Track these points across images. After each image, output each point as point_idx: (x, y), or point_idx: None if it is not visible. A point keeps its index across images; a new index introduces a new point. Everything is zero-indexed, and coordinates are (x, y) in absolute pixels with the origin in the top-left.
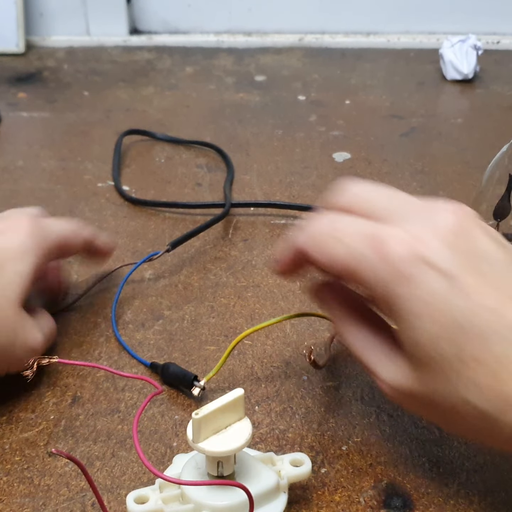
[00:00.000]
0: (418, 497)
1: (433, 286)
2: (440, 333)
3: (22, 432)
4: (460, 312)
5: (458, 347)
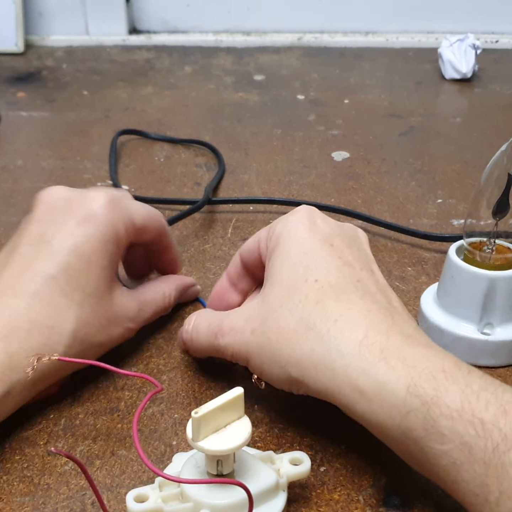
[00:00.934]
0: (417, 496)
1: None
2: (301, 259)
3: (21, 431)
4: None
5: (308, 271)
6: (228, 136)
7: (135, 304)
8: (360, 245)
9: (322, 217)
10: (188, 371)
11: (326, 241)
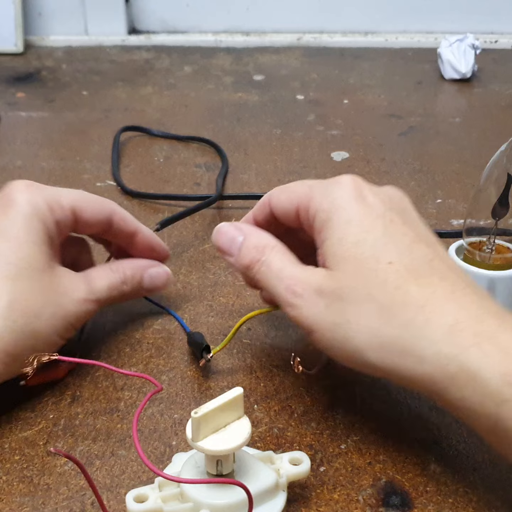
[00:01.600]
0: (416, 496)
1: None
2: (365, 237)
3: (21, 431)
4: (384, 229)
5: (377, 250)
6: (227, 136)
7: (81, 278)
8: (411, 213)
9: (369, 189)
10: (188, 371)
11: (385, 218)
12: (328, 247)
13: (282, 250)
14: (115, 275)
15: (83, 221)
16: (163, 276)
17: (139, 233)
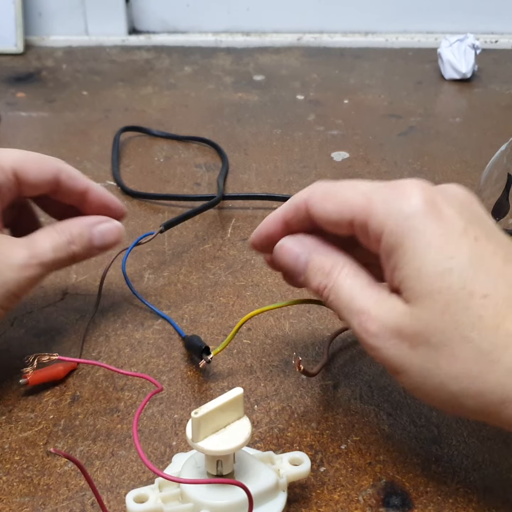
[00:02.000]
0: (417, 496)
1: (446, 226)
2: (451, 265)
3: (21, 432)
4: (471, 251)
5: (468, 282)
6: (227, 136)
7: (21, 242)
8: (485, 219)
9: (441, 196)
10: (188, 371)
11: (468, 236)
12: (405, 278)
13: (351, 272)
14: (60, 235)
15: (28, 183)
16: (114, 231)
17: (90, 191)
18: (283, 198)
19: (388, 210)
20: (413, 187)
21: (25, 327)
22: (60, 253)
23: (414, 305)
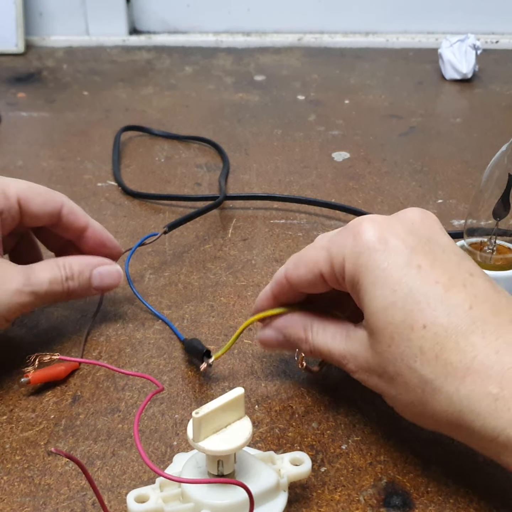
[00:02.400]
0: (417, 496)
1: (390, 259)
2: (393, 300)
3: (22, 432)
4: (412, 282)
5: (409, 314)
6: (228, 136)
7: (19, 269)
8: (438, 241)
9: (389, 230)
10: (189, 371)
11: (411, 265)
12: (363, 311)
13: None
14: (60, 269)
15: (30, 213)
16: (114, 274)
17: (89, 228)
18: (284, 199)
19: (343, 253)
20: (363, 225)
21: (26, 327)
22: (56, 286)
23: (371, 338)
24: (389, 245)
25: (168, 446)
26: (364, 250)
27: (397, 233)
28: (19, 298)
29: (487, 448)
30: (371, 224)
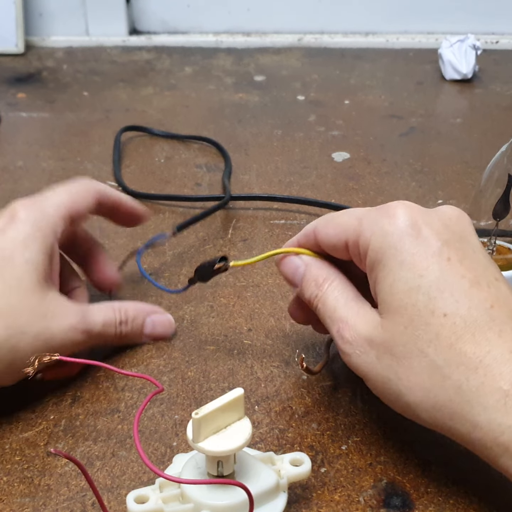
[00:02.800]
0: (417, 497)
1: (421, 246)
2: (419, 284)
3: (22, 432)
4: (440, 272)
5: (432, 301)
6: (228, 136)
7: (75, 307)
8: (470, 241)
9: (424, 218)
10: (189, 372)
11: (441, 256)
12: (380, 292)
13: (340, 286)
14: (114, 313)
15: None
16: (166, 324)
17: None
18: (285, 199)
19: (373, 229)
20: (398, 209)
21: None
22: (109, 328)
23: (385, 317)
24: (422, 233)
25: (167, 447)
26: (396, 232)
27: (432, 224)
28: (73, 335)
29: (486, 447)
30: (408, 210)
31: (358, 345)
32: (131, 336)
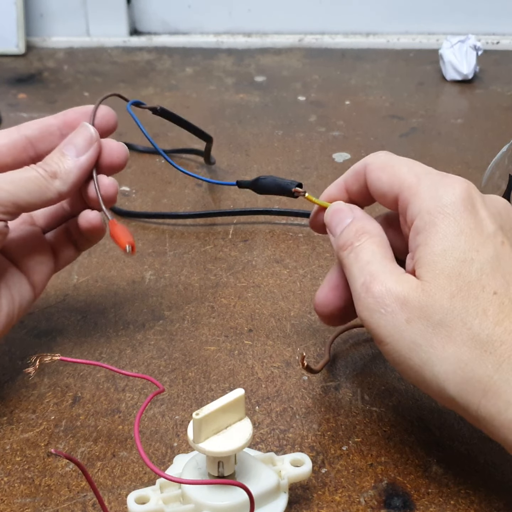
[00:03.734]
0: (418, 497)
1: (478, 224)
2: (474, 258)
3: (23, 433)
4: (495, 252)
5: (484, 277)
6: (229, 137)
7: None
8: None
9: (481, 201)
10: (189, 372)
11: (496, 238)
12: (428, 254)
13: (380, 243)
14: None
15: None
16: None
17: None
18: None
19: (432, 193)
20: (461, 183)
21: (26, 328)
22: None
23: (428, 281)
24: (479, 213)
25: (168, 447)
26: (457, 203)
27: (489, 208)
28: None
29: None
30: (470, 188)
31: (385, 303)
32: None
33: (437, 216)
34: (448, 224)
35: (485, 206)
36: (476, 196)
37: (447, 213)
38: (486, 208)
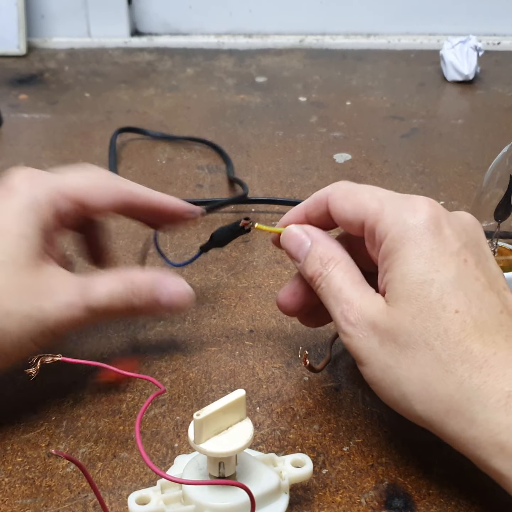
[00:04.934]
0: (419, 498)
1: (441, 244)
2: (434, 278)
3: (23, 433)
4: (456, 271)
5: (445, 296)
6: (229, 138)
7: (75, 280)
8: (484, 249)
9: (446, 218)
10: (190, 373)
11: (459, 257)
12: (391, 280)
13: (346, 267)
14: (122, 283)
15: (91, 208)
16: (182, 292)
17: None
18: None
19: (396, 218)
20: (423, 204)
21: None
22: (116, 302)
23: (392, 305)
24: (443, 232)
25: (169, 448)
26: (419, 226)
27: (453, 225)
28: (69, 312)
29: (480, 447)
30: (433, 208)
31: (361, 328)
32: (145, 309)
33: (399, 241)
34: (408, 248)
35: (449, 224)
36: (439, 215)
37: (408, 237)
38: (451, 226)
